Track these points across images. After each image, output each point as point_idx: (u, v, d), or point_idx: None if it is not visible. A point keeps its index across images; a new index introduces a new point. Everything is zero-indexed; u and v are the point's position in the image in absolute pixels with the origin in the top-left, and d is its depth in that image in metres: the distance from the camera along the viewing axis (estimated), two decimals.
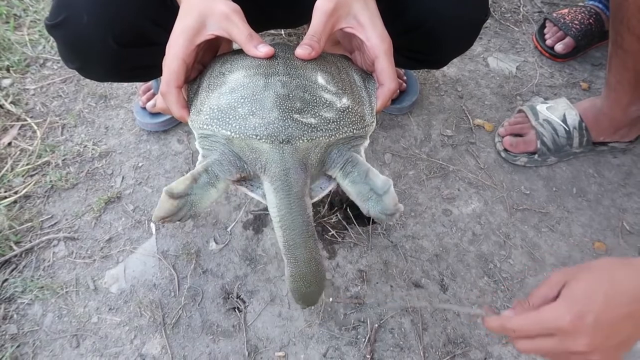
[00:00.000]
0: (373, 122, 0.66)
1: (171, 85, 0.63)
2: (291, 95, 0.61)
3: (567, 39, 1.38)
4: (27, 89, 1.33)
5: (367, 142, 0.66)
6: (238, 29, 0.63)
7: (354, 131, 0.63)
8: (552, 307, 0.55)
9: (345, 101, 0.64)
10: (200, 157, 0.63)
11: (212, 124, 0.61)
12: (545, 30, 1.44)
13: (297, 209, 0.59)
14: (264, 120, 0.59)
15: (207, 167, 0.60)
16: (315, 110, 0.61)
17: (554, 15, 1.43)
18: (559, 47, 1.39)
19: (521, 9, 1.56)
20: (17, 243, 1.06)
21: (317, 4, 0.65)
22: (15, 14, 1.48)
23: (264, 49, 0.64)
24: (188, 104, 0.66)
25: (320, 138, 0.61)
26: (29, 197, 1.13)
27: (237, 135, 0.59)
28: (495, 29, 1.51)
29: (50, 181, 1.14)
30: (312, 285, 0.61)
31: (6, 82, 1.33)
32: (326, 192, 0.65)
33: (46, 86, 1.34)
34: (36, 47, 1.42)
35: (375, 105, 0.68)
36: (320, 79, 0.65)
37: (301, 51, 0.65)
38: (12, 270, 1.03)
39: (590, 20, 1.38)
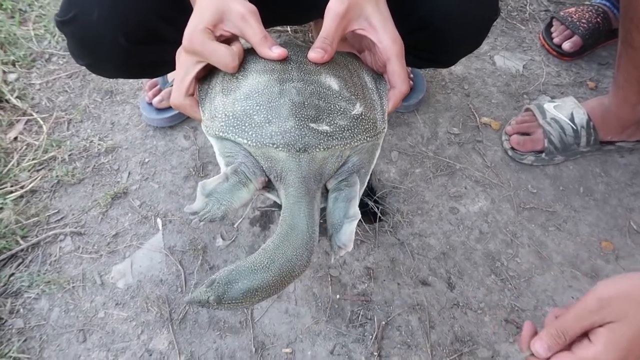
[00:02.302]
0: (384, 127, 0.66)
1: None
2: (306, 103, 0.61)
3: (575, 38, 1.38)
4: (33, 83, 1.33)
5: (377, 157, 0.66)
6: (253, 30, 0.63)
7: (368, 139, 0.63)
8: (594, 356, 0.52)
9: (358, 107, 0.64)
10: (223, 167, 0.62)
11: (228, 131, 0.60)
12: (552, 29, 1.43)
13: (305, 216, 0.58)
14: (280, 129, 0.59)
15: (235, 168, 0.60)
16: (330, 118, 0.61)
17: (561, 13, 1.43)
18: (566, 46, 1.39)
19: (527, 8, 1.56)
20: (23, 237, 1.06)
21: (329, 6, 0.65)
22: (20, 9, 1.47)
23: (277, 51, 0.64)
24: (199, 104, 0.66)
25: (336, 147, 0.61)
26: (35, 192, 1.12)
27: (254, 144, 0.59)
28: (502, 27, 1.51)
29: (57, 176, 1.14)
30: (268, 273, 0.55)
31: (12, 76, 1.33)
32: None
33: (52, 81, 1.33)
34: (42, 42, 1.41)
35: (386, 107, 0.68)
36: (334, 85, 0.65)
37: (314, 54, 0.65)
38: (19, 265, 1.03)
39: (598, 19, 1.38)
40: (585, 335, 0.54)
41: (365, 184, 0.65)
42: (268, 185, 0.64)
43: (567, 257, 1.08)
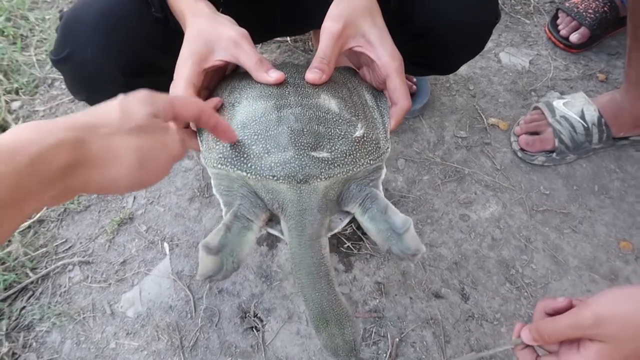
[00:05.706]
0: (388, 147, 0.64)
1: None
2: (305, 130, 0.59)
3: (582, 29, 1.34)
4: (37, 110, 1.33)
5: (384, 173, 0.64)
6: (247, 55, 0.62)
7: (371, 162, 0.61)
8: None
9: (360, 129, 0.62)
10: (222, 206, 0.60)
11: (226, 162, 0.59)
12: (559, 21, 1.39)
13: (307, 250, 0.57)
14: (280, 159, 0.57)
15: (235, 213, 0.58)
16: (331, 144, 0.60)
17: (567, 4, 1.39)
18: (574, 38, 1.34)
19: (532, 0, 1.51)
20: (33, 269, 1.06)
21: (324, 25, 0.63)
22: (22, 34, 1.48)
23: (274, 75, 0.63)
24: (197, 134, 0.65)
25: (338, 175, 0.59)
26: (42, 222, 1.13)
27: (253, 176, 0.58)
28: (506, 22, 1.47)
29: (63, 204, 1.14)
30: (331, 326, 0.58)
31: (16, 104, 1.33)
32: (344, 223, 0.63)
33: (55, 107, 1.34)
34: (44, 67, 1.42)
35: (388, 125, 0.66)
36: (334, 106, 0.63)
37: (312, 75, 0.64)
38: (29, 297, 1.03)
39: (605, 8, 1.33)
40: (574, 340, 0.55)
41: (381, 190, 0.63)
42: (271, 219, 0.63)
43: (584, 260, 1.05)
